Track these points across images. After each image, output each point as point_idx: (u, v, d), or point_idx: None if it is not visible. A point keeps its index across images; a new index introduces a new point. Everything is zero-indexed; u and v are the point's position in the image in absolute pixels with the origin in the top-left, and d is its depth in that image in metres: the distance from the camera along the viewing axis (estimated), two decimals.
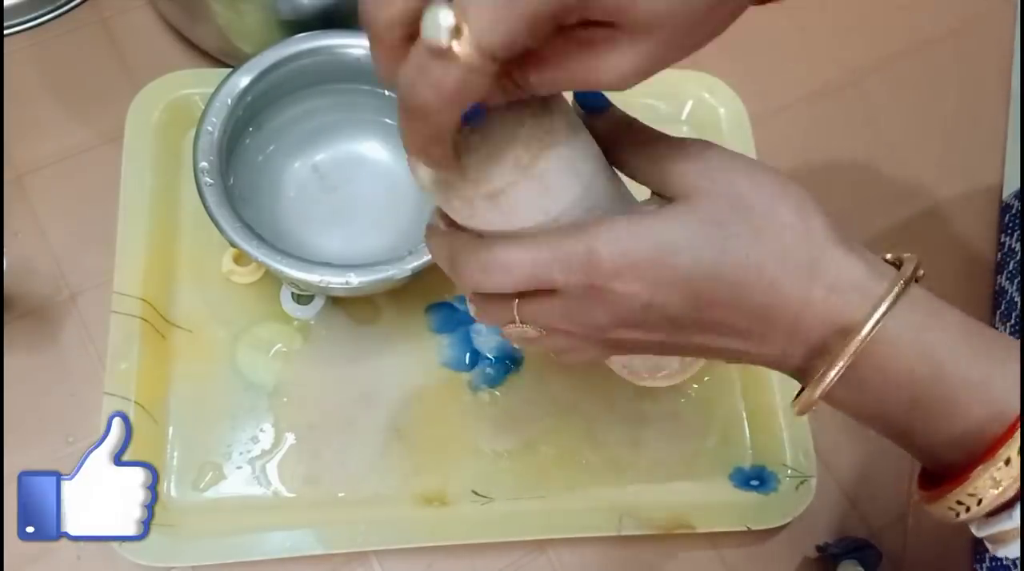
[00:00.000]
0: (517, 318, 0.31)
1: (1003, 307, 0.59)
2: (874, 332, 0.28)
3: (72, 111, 0.58)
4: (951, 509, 0.29)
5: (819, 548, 0.52)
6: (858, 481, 0.55)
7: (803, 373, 0.31)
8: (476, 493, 0.51)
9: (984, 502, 0.28)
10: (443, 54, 0.23)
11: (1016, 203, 0.61)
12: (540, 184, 0.29)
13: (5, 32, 0.59)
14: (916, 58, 0.68)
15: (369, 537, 0.48)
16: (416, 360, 0.53)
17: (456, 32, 0.22)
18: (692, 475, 0.53)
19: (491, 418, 0.53)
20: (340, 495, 0.50)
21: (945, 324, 0.29)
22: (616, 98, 0.32)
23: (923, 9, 0.70)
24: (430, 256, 0.40)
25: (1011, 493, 0.28)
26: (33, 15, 0.60)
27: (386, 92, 0.55)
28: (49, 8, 0.60)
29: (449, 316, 0.55)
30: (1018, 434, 0.27)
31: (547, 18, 0.23)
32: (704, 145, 0.30)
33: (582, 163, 0.31)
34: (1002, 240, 0.62)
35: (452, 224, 0.32)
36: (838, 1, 0.70)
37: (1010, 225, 0.61)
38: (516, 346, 0.34)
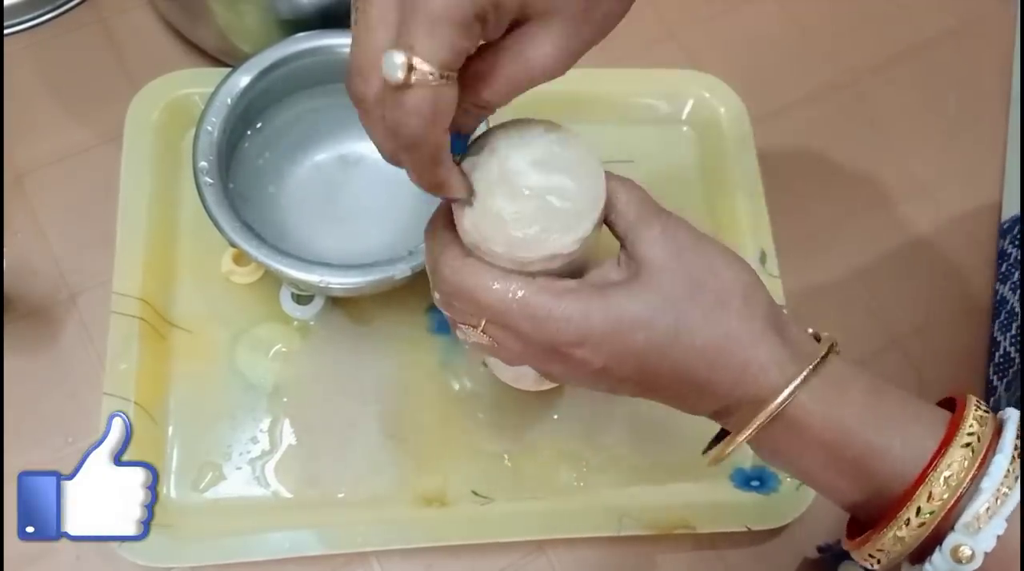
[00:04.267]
0: (481, 325, 0.33)
1: (1003, 317, 0.59)
2: (787, 403, 0.31)
3: (71, 111, 0.58)
4: (868, 558, 0.32)
5: (820, 549, 0.52)
6: None
7: (726, 426, 0.34)
8: (476, 493, 0.51)
9: (892, 556, 0.31)
10: (406, 84, 0.26)
11: (1017, 227, 0.60)
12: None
13: (5, 32, 0.59)
14: (916, 58, 0.68)
15: (369, 538, 0.48)
16: (416, 360, 0.53)
17: (409, 64, 0.26)
18: (692, 475, 0.53)
19: (491, 418, 0.53)
20: (340, 495, 0.50)
21: (853, 396, 0.32)
22: (618, 97, 0.32)
23: (923, 9, 0.70)
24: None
25: (913, 547, 0.30)
26: (32, 15, 0.60)
27: None
28: (48, 8, 0.60)
29: None
30: (916, 496, 0.29)
31: (471, 21, 0.27)
32: (679, 224, 0.33)
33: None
34: (1002, 246, 0.62)
35: (452, 228, 0.33)
36: (838, 1, 0.70)
37: (1012, 238, 0.61)
38: (459, 339, 0.36)
